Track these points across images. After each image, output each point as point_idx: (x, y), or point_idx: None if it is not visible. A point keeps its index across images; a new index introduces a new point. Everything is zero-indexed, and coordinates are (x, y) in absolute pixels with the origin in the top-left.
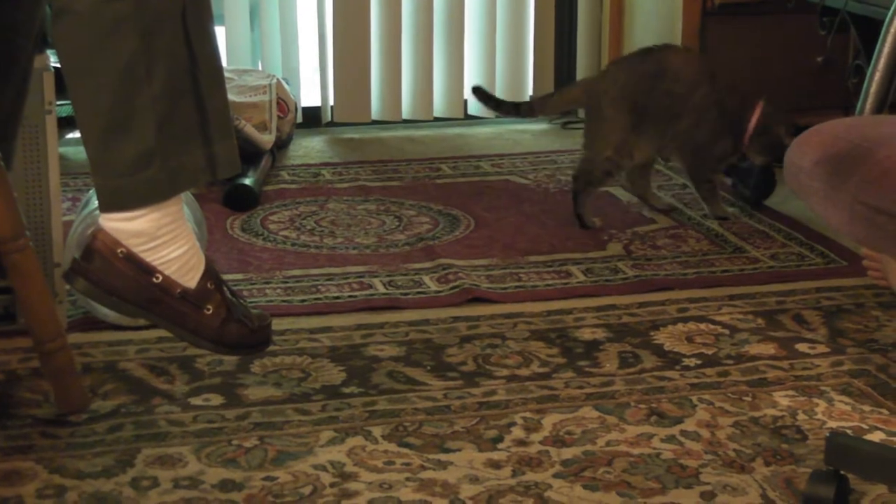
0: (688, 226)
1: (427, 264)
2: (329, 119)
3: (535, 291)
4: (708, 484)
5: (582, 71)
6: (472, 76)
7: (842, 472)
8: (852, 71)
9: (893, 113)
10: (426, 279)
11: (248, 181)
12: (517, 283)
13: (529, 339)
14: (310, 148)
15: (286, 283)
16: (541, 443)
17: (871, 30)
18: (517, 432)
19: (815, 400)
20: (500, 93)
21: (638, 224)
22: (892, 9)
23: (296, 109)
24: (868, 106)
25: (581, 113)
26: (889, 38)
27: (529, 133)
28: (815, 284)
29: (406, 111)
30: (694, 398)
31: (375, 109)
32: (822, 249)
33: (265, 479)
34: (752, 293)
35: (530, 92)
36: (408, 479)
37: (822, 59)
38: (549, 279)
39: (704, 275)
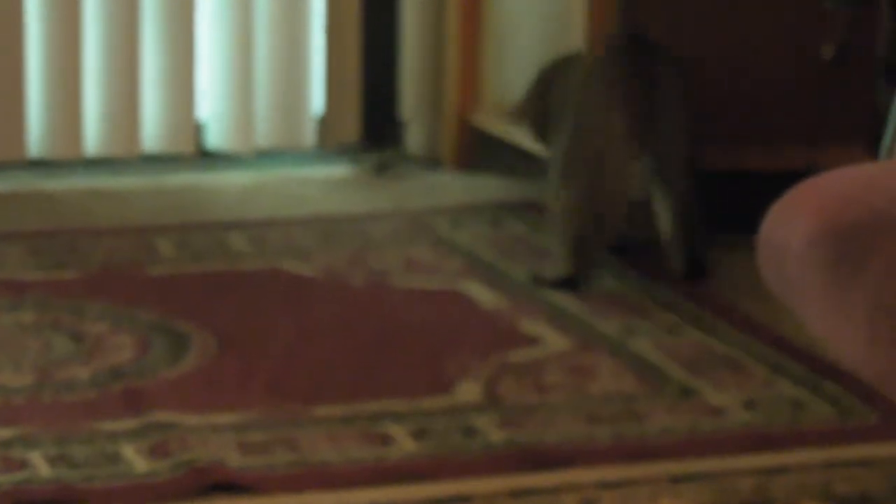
0: (600, 347)
1: (130, 423)
2: None
3: (327, 472)
4: None
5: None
6: (214, 83)
7: None
8: (882, 72)
9: None
10: (127, 450)
11: None
12: (293, 457)
13: None
14: None
15: None
16: None
17: None
18: None
19: None
20: (263, 111)
21: (512, 345)
22: None
23: None
24: None
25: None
26: None
27: (316, 183)
28: (824, 455)
29: (92, 143)
30: None
31: (35, 140)
32: (835, 390)
33: None
34: (714, 471)
35: (319, 107)
36: None
37: (831, 49)
38: (353, 449)
39: (629, 439)
